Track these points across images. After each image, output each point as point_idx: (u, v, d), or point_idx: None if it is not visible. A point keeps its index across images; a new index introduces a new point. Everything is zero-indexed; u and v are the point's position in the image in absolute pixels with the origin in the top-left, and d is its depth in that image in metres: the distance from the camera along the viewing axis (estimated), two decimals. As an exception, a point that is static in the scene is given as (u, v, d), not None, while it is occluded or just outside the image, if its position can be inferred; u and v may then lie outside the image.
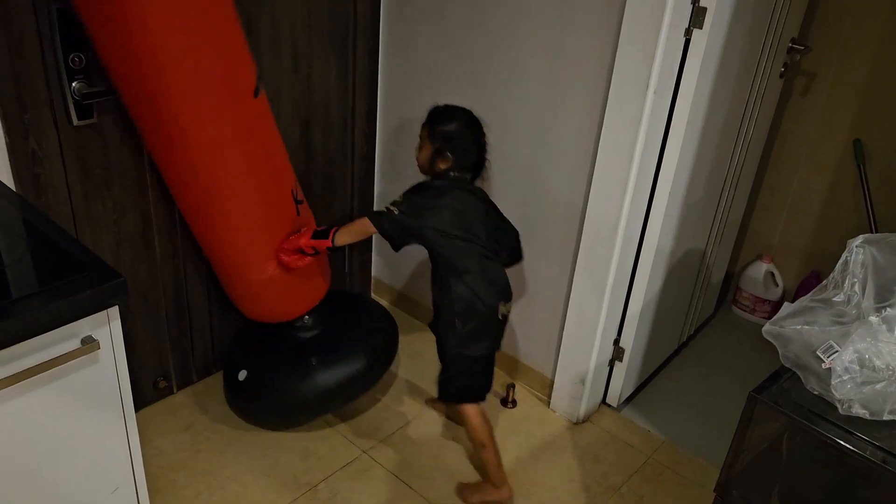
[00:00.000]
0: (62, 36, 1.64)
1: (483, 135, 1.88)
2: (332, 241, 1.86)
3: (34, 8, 1.59)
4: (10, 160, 1.65)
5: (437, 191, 1.83)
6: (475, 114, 1.88)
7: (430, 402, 2.35)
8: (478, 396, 1.96)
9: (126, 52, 1.52)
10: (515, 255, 2.03)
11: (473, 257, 1.83)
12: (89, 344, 1.30)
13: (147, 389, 2.21)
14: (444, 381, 1.96)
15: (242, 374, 2.10)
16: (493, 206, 1.94)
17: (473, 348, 1.88)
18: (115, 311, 1.33)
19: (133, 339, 2.10)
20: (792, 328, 1.32)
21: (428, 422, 2.28)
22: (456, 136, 1.84)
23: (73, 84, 1.70)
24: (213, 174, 1.74)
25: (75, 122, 1.73)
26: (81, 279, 1.28)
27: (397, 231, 1.81)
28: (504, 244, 1.95)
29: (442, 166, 1.85)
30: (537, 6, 1.99)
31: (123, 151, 1.87)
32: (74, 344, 1.29)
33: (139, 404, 2.18)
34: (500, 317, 1.90)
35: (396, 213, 1.79)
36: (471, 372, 1.93)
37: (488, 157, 1.91)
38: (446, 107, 1.89)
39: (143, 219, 1.98)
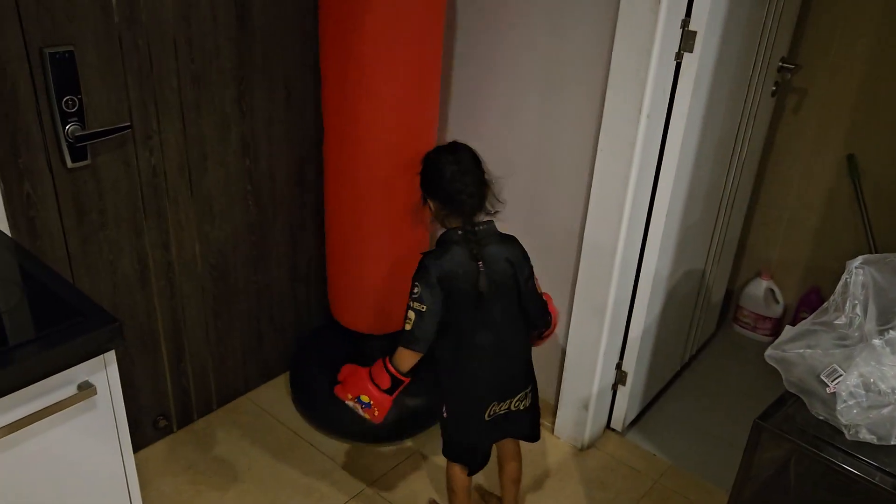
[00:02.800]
0: (55, 80, 1.65)
1: (456, 161, 1.66)
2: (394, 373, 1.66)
3: (27, 54, 1.60)
4: (4, 205, 1.64)
5: (425, 270, 1.64)
6: (457, 143, 1.71)
7: None
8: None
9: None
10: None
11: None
12: (86, 389, 1.28)
13: (147, 429, 2.19)
14: None
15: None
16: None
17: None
18: (111, 356, 1.31)
19: (132, 379, 2.08)
20: (794, 352, 1.31)
21: (427, 454, 2.26)
22: (428, 178, 1.69)
23: (67, 127, 1.70)
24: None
25: (69, 164, 1.73)
26: (77, 325, 1.27)
27: (429, 332, 1.64)
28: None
29: (438, 216, 1.69)
30: (528, 36, 2.00)
31: (118, 193, 1.87)
32: (71, 390, 1.27)
33: (139, 444, 2.16)
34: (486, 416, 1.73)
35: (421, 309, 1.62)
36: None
37: (481, 188, 1.67)
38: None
39: (139, 260, 1.97)
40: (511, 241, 1.73)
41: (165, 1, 1.80)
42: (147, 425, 2.19)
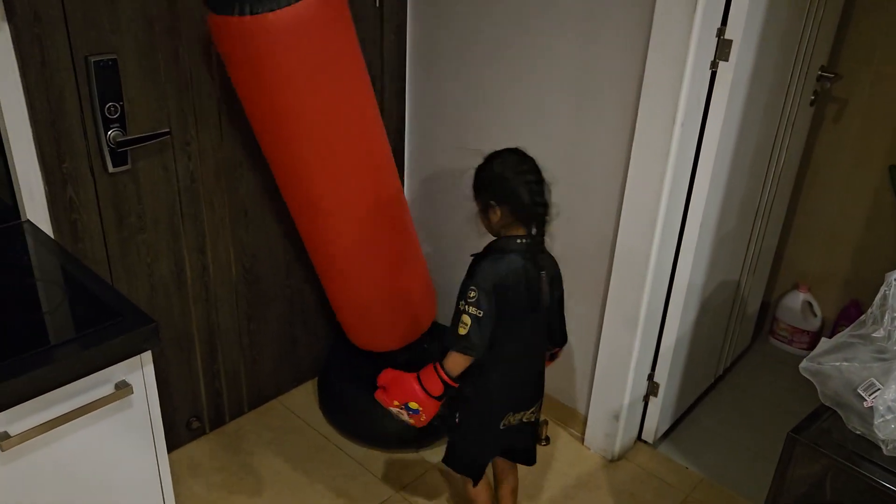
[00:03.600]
0: (99, 87, 1.70)
1: (531, 170, 1.61)
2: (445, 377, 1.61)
3: (73, 62, 1.65)
4: (49, 208, 1.69)
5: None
6: (522, 150, 1.65)
7: None
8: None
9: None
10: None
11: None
12: (123, 389, 1.32)
13: (180, 430, 2.23)
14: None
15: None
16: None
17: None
18: (147, 356, 1.34)
19: (166, 380, 2.12)
20: (831, 365, 1.29)
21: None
22: (496, 178, 1.61)
23: (109, 133, 1.75)
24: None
25: (111, 169, 1.78)
26: (115, 325, 1.30)
27: (485, 337, 1.59)
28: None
29: (497, 224, 1.63)
30: (560, 45, 2.00)
31: (157, 197, 1.91)
32: (108, 389, 1.31)
33: (172, 444, 2.20)
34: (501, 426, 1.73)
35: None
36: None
37: (549, 198, 1.62)
38: (487, 156, 1.66)
39: (175, 263, 2.01)
40: (551, 256, 1.72)
41: (206, 11, 1.84)
42: (180, 426, 2.22)
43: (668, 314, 2.17)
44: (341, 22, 1.76)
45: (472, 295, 1.58)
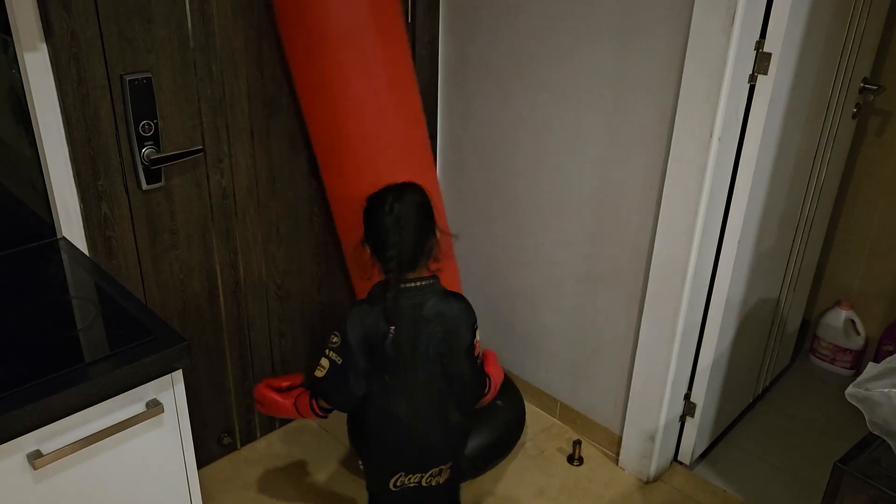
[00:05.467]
0: (133, 105, 1.71)
1: (392, 209, 1.46)
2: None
3: (108, 81, 1.67)
4: (84, 226, 1.71)
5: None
6: (403, 186, 1.53)
7: None
8: None
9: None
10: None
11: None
12: (154, 407, 1.32)
13: (212, 445, 2.23)
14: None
15: None
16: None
17: None
18: (178, 375, 1.34)
19: (198, 395, 2.13)
20: (879, 391, 1.24)
21: (483, 491, 2.22)
22: (364, 214, 1.53)
23: (143, 150, 1.76)
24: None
25: (144, 186, 1.80)
26: (147, 344, 1.31)
27: (341, 388, 1.57)
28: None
29: (370, 265, 1.55)
30: (595, 58, 1.97)
31: (190, 213, 1.92)
32: (140, 408, 1.31)
33: (204, 460, 2.20)
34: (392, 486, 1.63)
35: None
36: None
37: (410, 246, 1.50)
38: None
39: (208, 279, 2.02)
40: (454, 300, 1.57)
41: (239, 29, 1.85)
42: (212, 441, 2.23)
43: (705, 332, 2.12)
44: None
45: (334, 340, 1.53)
